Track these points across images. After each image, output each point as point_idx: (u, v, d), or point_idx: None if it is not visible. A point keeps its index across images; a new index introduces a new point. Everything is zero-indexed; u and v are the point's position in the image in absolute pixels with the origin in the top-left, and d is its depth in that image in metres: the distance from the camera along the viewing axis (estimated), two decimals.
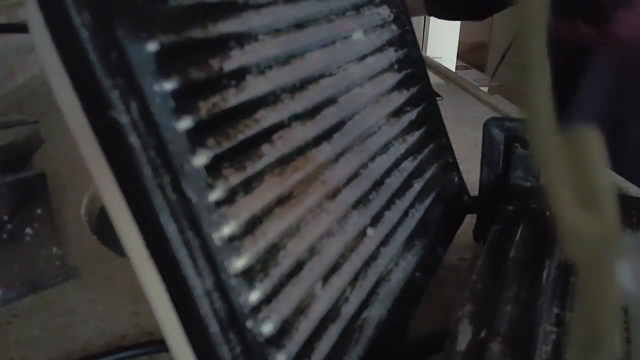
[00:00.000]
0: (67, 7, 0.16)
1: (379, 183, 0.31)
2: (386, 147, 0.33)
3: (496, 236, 0.34)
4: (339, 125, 0.29)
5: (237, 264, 0.19)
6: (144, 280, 0.18)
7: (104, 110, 0.17)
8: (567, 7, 0.66)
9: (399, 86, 0.37)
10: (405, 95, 0.38)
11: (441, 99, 0.75)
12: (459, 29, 1.86)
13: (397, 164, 0.34)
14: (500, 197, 0.38)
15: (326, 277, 0.24)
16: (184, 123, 0.19)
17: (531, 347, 0.24)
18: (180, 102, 0.19)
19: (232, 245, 0.19)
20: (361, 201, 0.29)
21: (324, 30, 0.30)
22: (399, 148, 0.35)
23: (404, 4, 0.40)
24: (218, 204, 0.19)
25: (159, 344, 0.32)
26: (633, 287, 0.18)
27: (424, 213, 0.35)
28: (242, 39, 0.23)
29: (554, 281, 0.28)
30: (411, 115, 0.38)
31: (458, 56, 1.91)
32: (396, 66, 0.38)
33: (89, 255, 0.41)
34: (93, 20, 0.16)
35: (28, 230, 0.36)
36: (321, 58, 0.29)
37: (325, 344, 0.23)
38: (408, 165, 0.35)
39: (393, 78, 0.37)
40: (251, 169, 0.21)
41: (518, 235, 0.33)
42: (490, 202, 0.39)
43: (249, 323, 0.19)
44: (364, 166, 0.30)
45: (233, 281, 0.19)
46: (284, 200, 0.23)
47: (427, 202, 0.36)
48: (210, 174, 0.19)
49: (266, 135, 0.23)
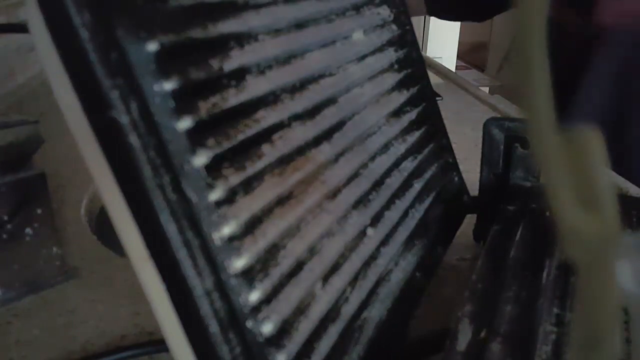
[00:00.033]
0: (67, 7, 0.16)
1: (379, 183, 0.31)
2: (386, 147, 0.33)
3: (496, 236, 0.34)
4: (339, 125, 0.29)
5: (237, 264, 0.19)
6: (144, 280, 0.18)
7: (104, 110, 0.17)
8: None
9: (399, 86, 0.37)
10: (405, 95, 0.38)
11: (441, 99, 0.75)
12: (459, 29, 1.85)
13: (397, 164, 0.34)
14: (500, 197, 0.38)
15: (326, 277, 0.24)
16: (184, 123, 0.19)
17: (531, 347, 0.24)
18: (180, 102, 0.19)
19: (232, 245, 0.19)
20: (361, 201, 0.29)
21: (324, 30, 0.30)
22: (399, 148, 0.35)
23: (404, 4, 0.40)
24: (218, 204, 0.19)
25: (159, 344, 0.32)
26: (633, 287, 0.18)
27: (424, 213, 0.35)
28: (242, 39, 0.23)
29: (554, 281, 0.28)
30: (411, 115, 0.38)
31: (458, 56, 1.91)
32: (396, 66, 0.38)
33: (89, 255, 0.41)
34: (93, 20, 0.16)
35: (28, 230, 0.36)
36: (321, 58, 0.29)
37: (325, 344, 0.23)
38: (408, 165, 0.35)
39: (393, 78, 0.37)
40: (251, 169, 0.21)
41: (518, 235, 0.33)
42: (490, 202, 0.39)
43: (249, 323, 0.19)
44: (364, 166, 0.30)
45: (233, 281, 0.19)
46: (284, 200, 0.23)
47: (427, 202, 0.36)
48: (210, 174, 0.19)
49: (266, 135, 0.23)
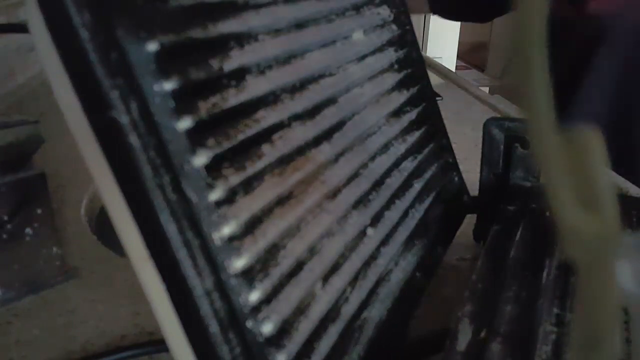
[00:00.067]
0: (67, 7, 0.16)
1: (379, 183, 0.31)
2: (386, 147, 0.33)
3: (496, 236, 0.34)
4: (339, 125, 0.29)
5: (237, 264, 0.19)
6: (144, 280, 0.18)
7: (104, 110, 0.17)
8: None
9: (399, 86, 0.37)
10: (405, 95, 0.38)
11: (441, 99, 0.75)
12: (459, 29, 1.85)
13: (397, 164, 0.34)
14: (500, 197, 0.38)
15: (326, 277, 0.24)
16: (184, 123, 0.19)
17: (531, 347, 0.24)
18: (180, 102, 0.19)
19: (232, 245, 0.19)
20: (361, 201, 0.29)
21: (324, 30, 0.30)
22: (399, 148, 0.35)
23: (404, 4, 0.40)
24: (218, 204, 0.19)
25: (159, 344, 0.32)
26: (633, 287, 0.18)
27: (424, 213, 0.35)
28: (242, 39, 0.23)
29: (554, 281, 0.28)
30: (411, 115, 0.38)
31: (458, 56, 1.91)
32: (396, 66, 0.38)
33: (89, 255, 0.41)
34: (93, 20, 0.16)
35: (28, 230, 0.36)
36: (321, 58, 0.29)
37: (325, 344, 0.23)
38: (408, 165, 0.35)
39: (393, 78, 0.37)
40: (251, 169, 0.21)
41: (518, 235, 0.33)
42: (490, 202, 0.39)
43: (249, 323, 0.19)
44: (364, 166, 0.30)
45: (233, 281, 0.19)
46: (284, 200, 0.23)
47: (427, 202, 0.36)
48: (210, 174, 0.19)
49: (266, 135, 0.23)
